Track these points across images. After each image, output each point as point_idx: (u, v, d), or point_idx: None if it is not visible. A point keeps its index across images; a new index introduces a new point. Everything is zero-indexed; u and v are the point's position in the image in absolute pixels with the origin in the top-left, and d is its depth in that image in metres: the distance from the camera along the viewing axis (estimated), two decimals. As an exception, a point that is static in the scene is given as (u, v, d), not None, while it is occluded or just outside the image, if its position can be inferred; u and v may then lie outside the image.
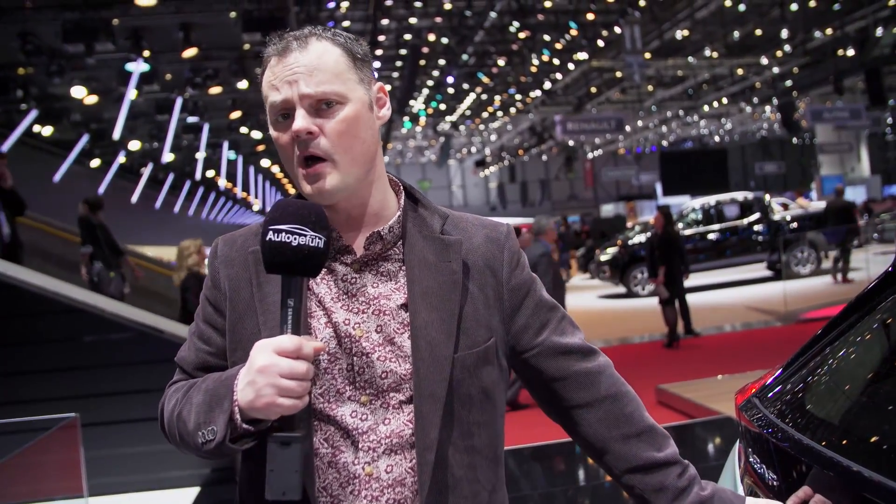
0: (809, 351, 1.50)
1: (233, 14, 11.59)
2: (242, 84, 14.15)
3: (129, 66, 12.72)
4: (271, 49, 1.21)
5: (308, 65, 1.17)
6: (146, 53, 12.19)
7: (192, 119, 17.16)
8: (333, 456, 1.19)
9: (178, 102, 15.81)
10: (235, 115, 16.86)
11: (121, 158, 21.82)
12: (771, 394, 1.45)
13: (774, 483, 1.24)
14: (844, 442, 1.16)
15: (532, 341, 1.31)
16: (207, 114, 18.06)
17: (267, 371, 1.06)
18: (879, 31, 20.21)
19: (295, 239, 1.09)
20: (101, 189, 20.02)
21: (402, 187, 1.33)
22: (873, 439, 1.14)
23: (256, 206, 44.09)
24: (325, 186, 1.18)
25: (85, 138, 18.53)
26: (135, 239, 16.69)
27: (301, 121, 1.16)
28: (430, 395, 1.19)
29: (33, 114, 14.93)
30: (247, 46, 12.36)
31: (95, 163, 21.49)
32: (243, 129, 19.77)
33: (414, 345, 1.20)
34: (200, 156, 21.68)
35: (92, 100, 14.82)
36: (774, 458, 1.27)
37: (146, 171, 24.56)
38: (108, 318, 5.17)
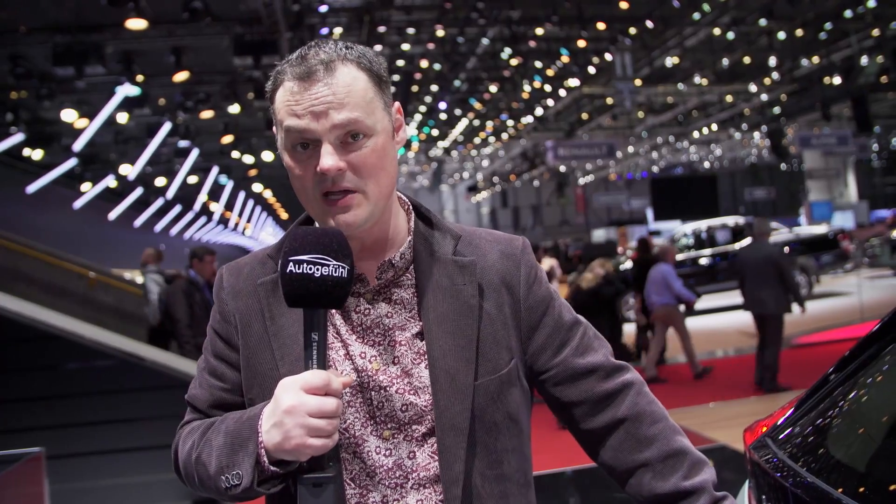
0: (825, 387, 1.43)
1: (225, 40, 11.60)
2: (234, 108, 14.14)
3: (120, 90, 12.68)
4: (291, 70, 1.12)
5: (337, 95, 1.09)
6: (138, 77, 12.18)
7: (183, 143, 17.13)
8: (361, 497, 1.15)
9: (166, 126, 15.75)
10: (227, 139, 16.83)
11: (111, 182, 21.72)
12: (784, 434, 1.37)
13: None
14: (864, 488, 1.08)
15: (549, 362, 1.25)
16: (199, 138, 18.04)
17: (295, 411, 1.01)
18: (864, 60, 20.45)
19: (318, 270, 1.03)
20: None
21: (411, 206, 1.28)
22: (880, 481, 1.06)
23: (248, 231, 44.05)
24: (355, 220, 1.12)
25: (73, 162, 18.42)
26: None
27: (329, 159, 1.09)
28: (451, 426, 1.14)
29: (19, 136, 14.82)
30: (241, 70, 12.36)
31: (86, 186, 21.40)
32: (235, 154, 19.72)
33: (432, 375, 1.15)
34: (180, 177, 21.31)
35: (82, 123, 14.77)
36: (779, 497, 1.19)
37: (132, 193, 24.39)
38: (86, 345, 5.06)
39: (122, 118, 13.59)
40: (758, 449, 1.38)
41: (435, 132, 29.67)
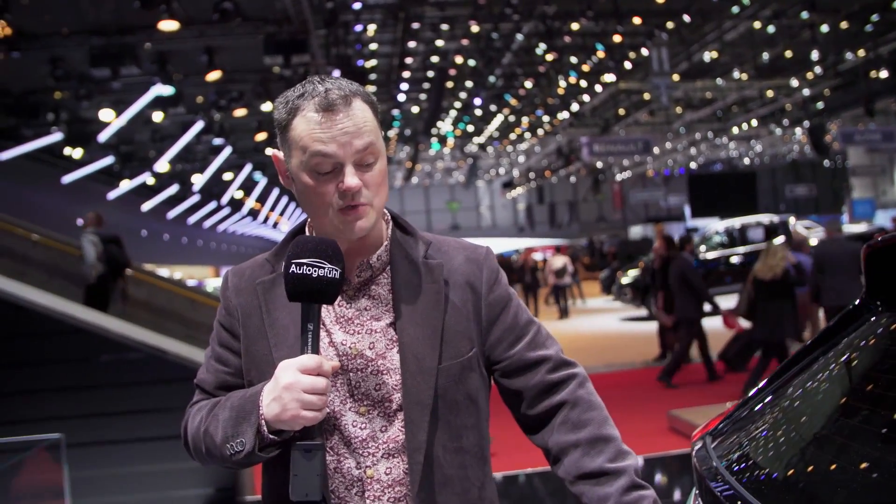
0: (769, 387, 1.43)
1: (256, 39, 11.76)
2: (267, 106, 14.31)
3: (152, 89, 12.94)
4: (312, 102, 1.28)
5: (357, 126, 1.28)
6: (174, 77, 12.42)
7: (217, 141, 17.39)
8: (338, 463, 1.33)
9: (199, 124, 16.01)
10: (261, 136, 17.05)
11: (149, 179, 22.16)
12: (720, 436, 1.38)
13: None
14: (778, 498, 1.09)
15: (504, 353, 1.42)
16: (233, 135, 18.30)
17: (292, 388, 1.20)
18: (913, 53, 19.89)
19: (315, 271, 1.24)
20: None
21: (390, 217, 1.46)
22: (809, 501, 1.07)
23: (284, 226, 44.60)
24: (367, 225, 1.31)
25: (110, 159, 18.82)
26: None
27: (353, 178, 1.28)
28: (417, 402, 1.32)
29: (58, 135, 15.21)
30: (276, 69, 12.53)
31: (126, 184, 21.90)
32: (269, 151, 19.96)
33: (402, 358, 1.33)
34: (209, 172, 21.52)
35: (120, 123, 15.10)
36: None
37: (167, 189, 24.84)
38: (112, 339, 5.20)
39: (158, 117, 13.84)
40: (698, 447, 1.39)
41: (470, 128, 29.66)
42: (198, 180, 22.81)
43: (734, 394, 6.89)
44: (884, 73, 20.36)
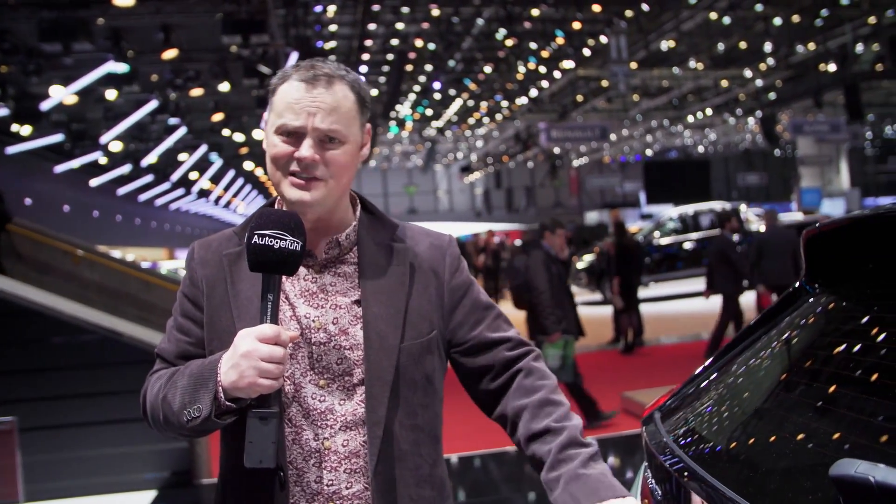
0: (714, 365, 1.51)
1: (219, 15, 11.54)
2: (224, 86, 14.09)
3: (106, 66, 12.61)
4: (299, 73, 1.36)
5: (330, 104, 1.34)
6: (128, 54, 12.13)
7: (173, 120, 17.07)
8: (297, 434, 1.36)
9: (152, 103, 15.66)
10: (217, 117, 16.80)
11: (101, 159, 21.67)
12: (669, 412, 1.46)
13: (661, 500, 1.25)
14: (721, 461, 1.17)
15: (466, 335, 1.48)
16: (189, 115, 17.97)
17: (250, 355, 1.22)
18: (860, 48, 20.42)
19: (277, 242, 1.26)
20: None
21: (359, 200, 1.51)
22: (757, 467, 1.14)
23: (241, 209, 44.06)
24: (309, 198, 1.34)
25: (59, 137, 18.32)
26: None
27: (308, 150, 1.33)
28: (378, 378, 1.36)
29: (3, 111, 14.72)
30: (234, 49, 12.34)
31: (77, 163, 21.38)
32: (225, 132, 19.67)
33: (365, 335, 1.37)
34: (159, 150, 20.94)
35: (71, 100, 14.72)
36: (663, 476, 1.27)
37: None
38: (67, 321, 5.13)
39: (111, 95, 13.52)
40: (646, 423, 1.46)
41: (429, 112, 29.57)
42: (151, 160, 22.40)
43: (686, 376, 7.08)
44: (832, 67, 20.87)
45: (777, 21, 19.16)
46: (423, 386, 1.42)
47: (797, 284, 1.52)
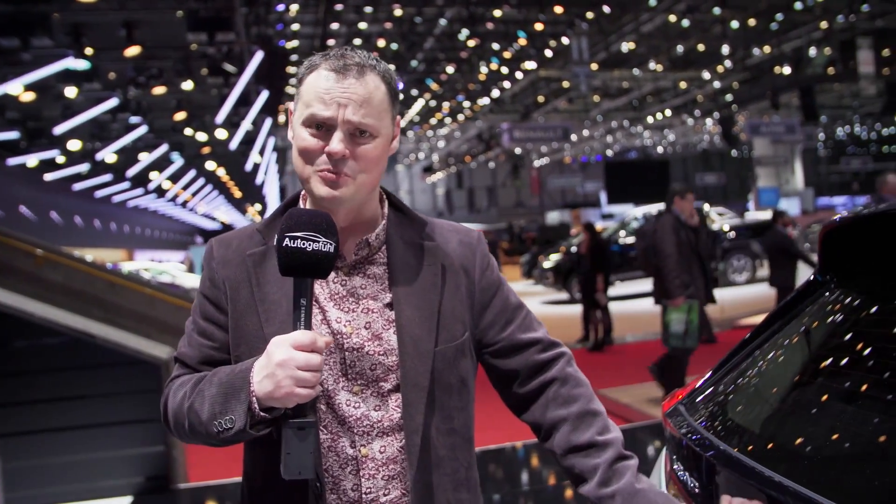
0: (734, 358, 1.55)
1: (179, 13, 11.37)
2: (188, 85, 13.87)
3: (64, 62, 12.30)
4: (329, 62, 1.30)
5: (361, 95, 1.28)
6: (87, 51, 11.86)
7: (134, 119, 16.75)
8: (333, 441, 1.32)
9: (112, 101, 15.33)
10: (180, 116, 16.54)
11: (59, 158, 21.18)
12: (695, 401, 1.49)
13: (696, 490, 1.27)
14: (763, 450, 1.20)
15: (496, 336, 1.44)
16: (151, 114, 17.65)
17: (286, 364, 1.16)
18: (813, 51, 20.96)
19: (310, 245, 1.20)
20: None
21: (385, 197, 1.46)
22: (790, 447, 1.18)
23: (201, 209, 43.44)
24: (339, 195, 1.28)
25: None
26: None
27: (339, 144, 1.27)
28: (414, 384, 1.32)
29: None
30: (194, 47, 12.15)
31: (33, 161, 20.87)
32: (188, 131, 19.38)
33: (399, 340, 1.33)
34: (115, 147, 20.45)
35: (29, 96, 14.35)
36: (696, 466, 1.30)
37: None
38: (35, 323, 5.01)
39: (71, 92, 13.21)
40: (672, 416, 1.49)
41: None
42: (110, 159, 21.96)
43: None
44: (787, 70, 21.38)
45: (734, 24, 19.57)
46: (458, 389, 1.39)
47: (811, 277, 1.56)
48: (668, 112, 28.09)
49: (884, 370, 1.19)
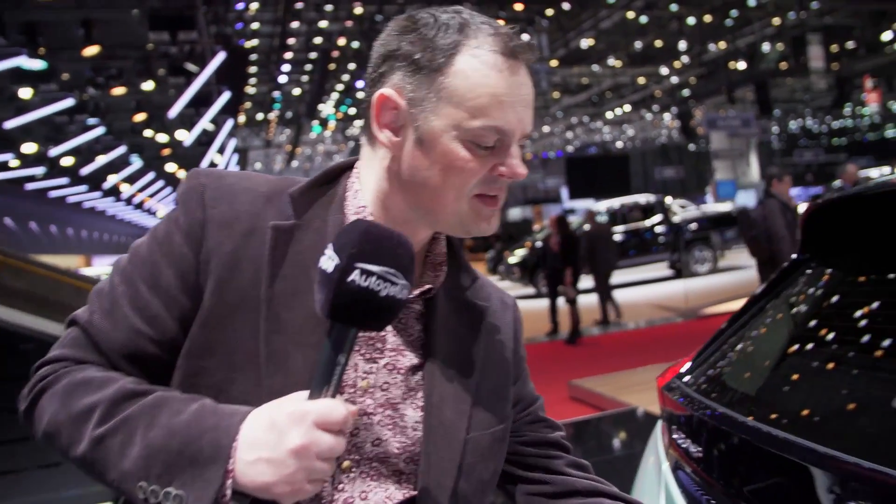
0: (724, 334, 1.64)
1: (135, 11, 11.22)
2: (148, 85, 13.69)
3: (15, 61, 12.01)
4: (490, 38, 0.95)
5: (531, 90, 0.99)
6: (45, 50, 11.64)
7: (91, 120, 16.47)
8: None
9: (67, 101, 15.00)
10: (139, 117, 16.30)
11: (12, 161, 20.73)
12: (690, 375, 1.58)
13: (699, 455, 1.36)
14: (759, 411, 1.29)
15: (521, 412, 1.19)
16: (109, 115, 17.37)
17: (306, 453, 0.81)
18: (766, 47, 21.45)
19: (386, 288, 0.85)
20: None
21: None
22: (784, 407, 1.27)
23: (161, 213, 42.82)
24: (497, 223, 1.02)
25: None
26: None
27: (521, 164, 0.98)
28: (438, 484, 1.00)
29: None
30: (150, 46, 12.01)
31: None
32: (148, 133, 19.10)
33: (427, 424, 1.01)
34: (66, 146, 19.91)
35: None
36: (697, 432, 1.39)
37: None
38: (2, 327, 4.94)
39: (26, 93, 12.93)
40: (668, 389, 1.58)
41: (352, 111, 29.44)
42: (66, 161, 21.55)
43: (630, 363, 7.33)
44: (742, 65, 21.85)
45: (690, 20, 19.93)
46: (491, 484, 1.09)
47: (794, 257, 1.66)
48: (627, 107, 28.48)
49: (861, 336, 1.29)
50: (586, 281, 10.39)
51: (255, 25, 18.36)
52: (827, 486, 0.98)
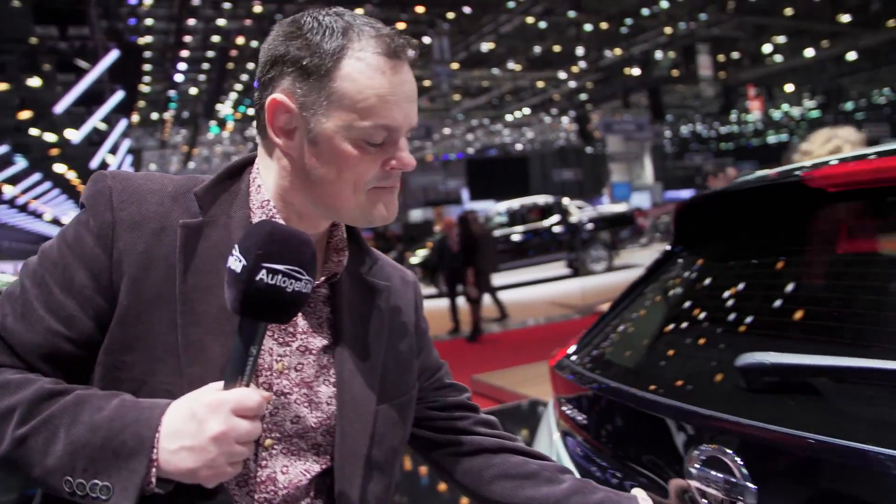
0: (606, 317, 1.81)
1: (16, 2, 10.71)
2: (34, 81, 13.06)
3: None
4: (372, 40, 0.99)
5: (414, 86, 1.03)
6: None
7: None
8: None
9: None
10: (24, 115, 15.51)
11: None
12: (577, 355, 1.74)
13: (585, 423, 1.51)
14: (637, 380, 1.45)
15: (427, 379, 1.28)
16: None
17: (225, 438, 0.87)
18: (659, 55, 22.45)
19: (291, 284, 0.91)
20: None
21: None
22: (659, 376, 1.43)
23: (48, 216, 40.87)
24: (396, 211, 1.10)
25: None
26: None
27: (409, 154, 1.04)
28: (352, 453, 1.08)
29: None
30: (34, 40, 11.47)
31: None
32: (34, 131, 18.18)
33: (340, 399, 1.08)
34: None
35: None
36: (584, 403, 1.54)
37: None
38: None
39: None
40: (558, 367, 1.73)
41: (251, 111, 28.83)
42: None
43: (529, 358, 7.57)
44: (636, 71, 22.78)
45: (587, 27, 20.61)
46: (399, 452, 1.17)
47: (668, 248, 1.84)
48: (526, 111, 29.17)
49: (728, 315, 1.47)
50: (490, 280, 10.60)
51: (149, 21, 17.82)
52: (687, 434, 1.14)
